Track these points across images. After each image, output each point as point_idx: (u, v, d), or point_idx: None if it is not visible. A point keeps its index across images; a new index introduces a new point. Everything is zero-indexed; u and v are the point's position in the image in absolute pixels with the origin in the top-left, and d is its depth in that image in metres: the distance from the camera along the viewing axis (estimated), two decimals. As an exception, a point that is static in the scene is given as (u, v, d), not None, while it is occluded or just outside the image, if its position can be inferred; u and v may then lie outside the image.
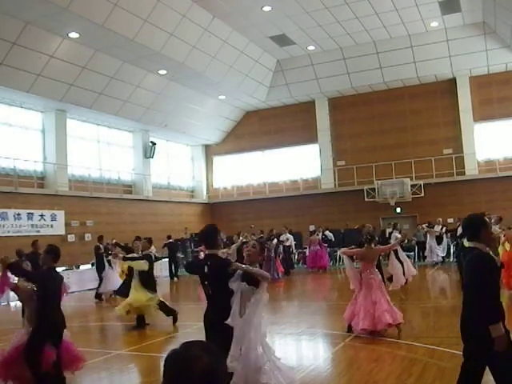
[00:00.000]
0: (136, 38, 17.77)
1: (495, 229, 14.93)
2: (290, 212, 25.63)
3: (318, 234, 20.93)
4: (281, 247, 18.87)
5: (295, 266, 22.11)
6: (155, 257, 11.96)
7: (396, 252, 11.77)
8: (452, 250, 20.48)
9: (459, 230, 13.95)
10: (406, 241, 17.70)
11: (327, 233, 22.62)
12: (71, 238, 19.71)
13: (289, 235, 19.71)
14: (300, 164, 26.91)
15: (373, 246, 8.41)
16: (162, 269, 19.75)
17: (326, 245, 21.07)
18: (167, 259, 20.62)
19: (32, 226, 18.16)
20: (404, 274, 11.79)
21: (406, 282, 12.54)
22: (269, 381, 4.32)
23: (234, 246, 12.10)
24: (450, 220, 21.73)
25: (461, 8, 20.33)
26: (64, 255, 6.32)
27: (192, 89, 23.37)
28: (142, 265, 9.98)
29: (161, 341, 9.05)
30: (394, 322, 7.85)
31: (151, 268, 10.31)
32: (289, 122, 26.97)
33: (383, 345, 7.35)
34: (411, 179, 23.62)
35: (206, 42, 20.21)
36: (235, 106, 27.10)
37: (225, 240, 18.02)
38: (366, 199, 24.01)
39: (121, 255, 11.38)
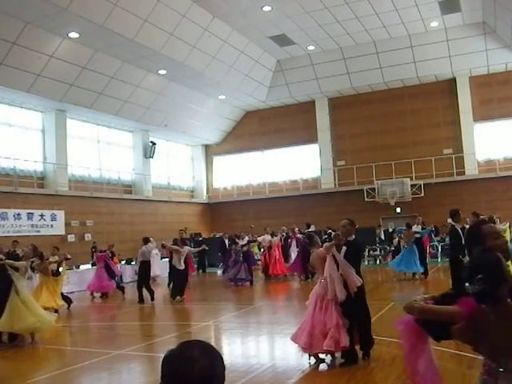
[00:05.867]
0: (136, 38, 17.78)
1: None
2: (290, 212, 25.60)
3: (279, 234, 19.46)
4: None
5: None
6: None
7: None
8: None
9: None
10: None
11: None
12: (71, 237, 19.73)
13: (268, 236, 19.40)
14: (300, 164, 26.90)
15: None
16: (161, 268, 19.71)
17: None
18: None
19: (32, 226, 18.16)
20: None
21: None
22: None
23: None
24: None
25: (461, 8, 20.33)
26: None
27: (192, 89, 23.36)
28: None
29: (161, 341, 9.05)
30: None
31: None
32: (289, 122, 26.96)
33: (383, 345, 7.34)
34: (411, 179, 23.62)
35: (205, 42, 20.22)
36: (235, 106, 27.09)
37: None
38: (366, 199, 24.00)
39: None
